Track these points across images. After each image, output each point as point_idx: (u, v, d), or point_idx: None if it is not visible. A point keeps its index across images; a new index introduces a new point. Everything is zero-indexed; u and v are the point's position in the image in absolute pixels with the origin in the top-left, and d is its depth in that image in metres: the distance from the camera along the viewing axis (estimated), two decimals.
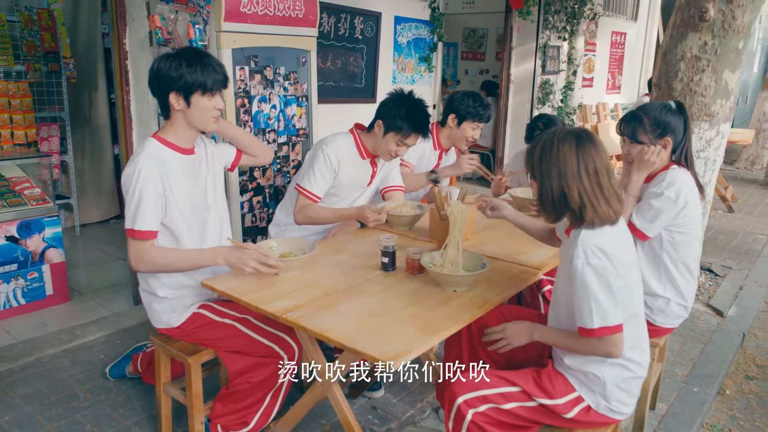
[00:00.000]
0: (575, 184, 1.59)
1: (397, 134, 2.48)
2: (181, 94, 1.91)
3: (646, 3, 8.53)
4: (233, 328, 2.05)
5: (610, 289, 1.55)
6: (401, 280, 2.01)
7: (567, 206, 1.61)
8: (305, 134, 3.26)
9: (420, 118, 2.48)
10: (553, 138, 1.63)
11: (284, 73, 3.08)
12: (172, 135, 1.99)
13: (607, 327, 1.55)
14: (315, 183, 2.51)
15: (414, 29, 4.83)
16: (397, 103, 2.49)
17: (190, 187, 2.02)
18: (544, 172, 1.62)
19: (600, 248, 1.56)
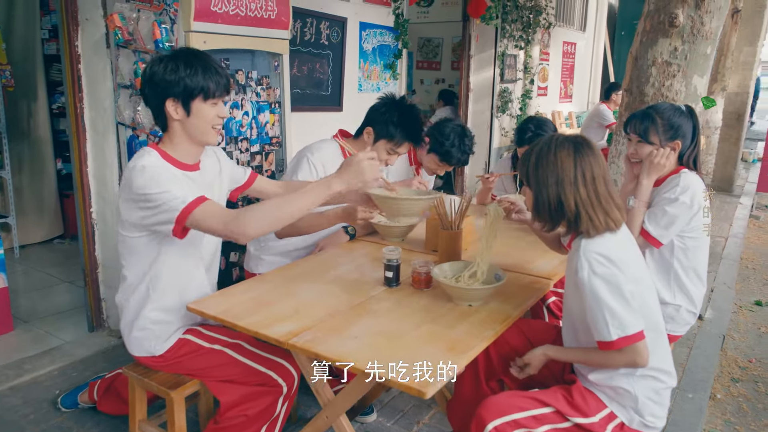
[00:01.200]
0: (572, 193, 1.52)
1: (389, 142, 2.33)
2: (180, 101, 1.68)
3: (593, 14, 8.76)
4: (224, 354, 1.83)
5: (623, 296, 1.46)
6: (408, 295, 1.85)
7: (563, 215, 1.54)
8: (278, 143, 3.07)
9: (413, 125, 2.34)
10: (550, 144, 1.55)
11: (256, 78, 2.89)
12: (172, 149, 1.76)
13: (626, 337, 1.47)
14: None
15: (379, 35, 4.71)
16: (389, 109, 2.34)
17: None
18: (541, 180, 1.55)
19: (603, 255, 1.48)
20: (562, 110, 7.88)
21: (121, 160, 2.90)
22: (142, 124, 2.71)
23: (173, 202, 1.60)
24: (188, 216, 1.59)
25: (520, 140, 2.82)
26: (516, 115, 6.82)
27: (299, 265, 2.14)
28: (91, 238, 3.11)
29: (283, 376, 1.83)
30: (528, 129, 2.79)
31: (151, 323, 1.80)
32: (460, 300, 1.77)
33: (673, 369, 1.61)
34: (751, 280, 4.62)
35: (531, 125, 2.80)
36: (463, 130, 2.83)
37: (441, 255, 2.07)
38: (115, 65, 2.77)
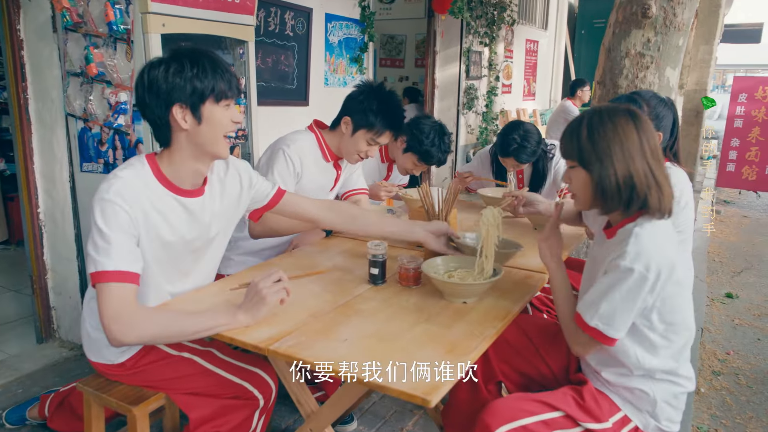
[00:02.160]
0: (641, 165, 1.35)
1: (369, 132, 2.18)
2: (188, 107, 1.46)
3: (554, 13, 8.82)
4: (193, 363, 1.65)
5: (633, 305, 1.34)
6: (396, 293, 1.70)
7: (633, 192, 1.35)
8: (245, 135, 2.88)
9: (394, 113, 2.20)
10: (601, 114, 1.38)
11: None
12: (170, 168, 1.54)
13: (602, 334, 1.37)
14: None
15: (345, 28, 4.56)
16: (367, 97, 2.18)
17: (172, 240, 1.57)
18: (602, 152, 1.35)
19: (657, 262, 1.32)
20: (526, 108, 7.88)
21: (72, 155, 2.66)
22: (94, 115, 2.48)
23: (100, 256, 1.40)
24: (96, 284, 1.40)
25: (504, 151, 2.69)
26: (482, 112, 6.76)
27: (273, 265, 1.96)
28: (39, 241, 2.85)
29: (260, 387, 1.66)
30: (513, 141, 2.65)
31: None
32: (454, 297, 1.63)
33: (692, 373, 1.50)
34: (720, 273, 4.66)
35: (515, 136, 2.65)
36: (442, 128, 2.71)
37: (427, 250, 1.92)
38: (64, 51, 2.53)
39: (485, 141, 6.73)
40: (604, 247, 1.46)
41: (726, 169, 6.86)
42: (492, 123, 6.82)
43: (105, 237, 1.40)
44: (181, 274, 1.65)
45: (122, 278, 1.39)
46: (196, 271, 1.70)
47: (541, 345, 1.67)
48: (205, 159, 1.55)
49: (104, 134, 2.50)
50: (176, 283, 1.65)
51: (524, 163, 2.69)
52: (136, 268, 1.44)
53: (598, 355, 1.50)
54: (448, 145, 2.72)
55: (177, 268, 1.63)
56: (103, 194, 1.43)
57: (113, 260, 1.39)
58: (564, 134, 1.46)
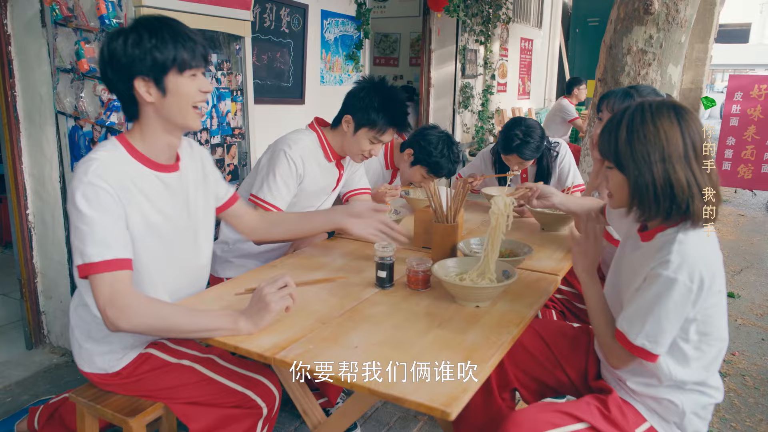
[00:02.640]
0: (683, 170, 1.24)
1: (371, 130, 2.10)
2: (151, 78, 1.40)
3: (549, 11, 8.78)
4: (193, 371, 1.57)
5: (679, 318, 1.27)
6: (406, 297, 1.63)
7: (673, 198, 1.26)
8: (241, 134, 2.80)
9: (397, 110, 2.12)
10: (644, 113, 1.27)
11: (216, 62, 2.61)
12: (143, 143, 1.47)
13: (647, 352, 1.29)
14: (277, 193, 2.06)
15: (341, 25, 4.48)
16: (368, 93, 2.10)
17: (159, 219, 1.50)
18: (640, 157, 1.25)
19: (700, 272, 1.24)
20: (521, 107, 7.84)
21: (62, 154, 2.56)
22: (86, 112, 2.39)
23: (86, 245, 1.33)
24: (88, 276, 1.33)
25: (506, 148, 2.62)
26: (477, 111, 6.71)
27: (275, 268, 1.89)
28: (28, 244, 2.75)
29: (263, 396, 1.58)
30: (515, 136, 2.58)
31: (105, 335, 1.52)
32: (466, 301, 1.56)
33: (721, 383, 1.44)
34: None
35: (518, 131, 2.58)
36: (449, 138, 2.64)
37: (436, 251, 1.85)
38: (53, 46, 2.44)
39: (481, 140, 6.68)
40: (640, 252, 1.37)
41: (722, 167, 6.85)
42: (488, 122, 6.77)
43: (89, 221, 1.33)
44: (172, 263, 1.56)
45: (113, 267, 1.33)
46: (187, 261, 1.61)
47: (558, 350, 1.61)
48: (176, 131, 1.50)
49: (96, 133, 2.40)
50: (168, 274, 1.55)
51: (528, 159, 2.63)
52: (126, 254, 1.37)
53: None
54: (458, 155, 2.64)
55: (167, 256, 1.54)
56: (82, 177, 1.35)
57: (100, 249, 1.33)
58: (603, 131, 1.36)
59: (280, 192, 2.06)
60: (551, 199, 1.95)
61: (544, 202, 1.95)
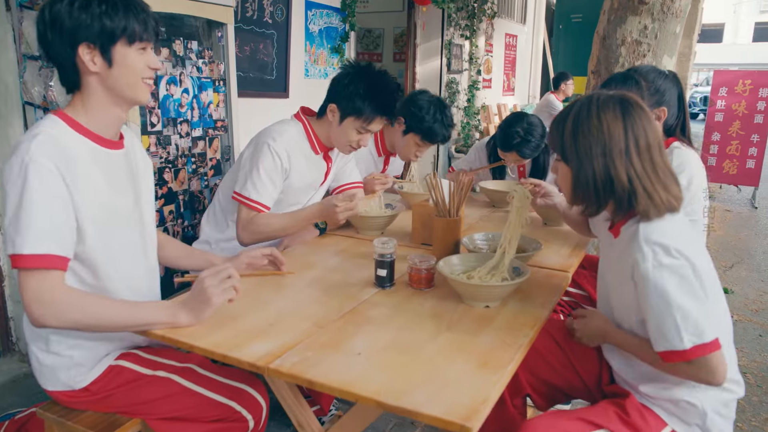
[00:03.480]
0: (623, 165, 1.22)
1: (358, 119, 1.96)
2: (97, 47, 1.26)
3: (532, 7, 8.73)
4: (172, 383, 1.42)
5: (696, 294, 1.16)
6: (408, 297, 1.50)
7: (612, 193, 1.24)
8: (224, 127, 2.64)
9: (385, 96, 1.98)
10: (590, 106, 1.25)
11: (197, 50, 2.45)
12: (88, 116, 1.32)
13: (702, 345, 1.15)
14: (262, 190, 1.92)
15: (326, 17, 4.34)
16: (353, 80, 1.96)
17: (113, 201, 1.36)
18: (583, 151, 1.24)
19: (670, 243, 1.18)
20: (506, 103, 7.76)
21: None
22: (55, 103, 2.22)
23: (19, 233, 1.18)
24: (19, 269, 1.20)
25: (506, 145, 2.51)
26: (463, 106, 6.61)
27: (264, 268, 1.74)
28: None
29: (249, 407, 1.44)
30: (515, 134, 2.46)
31: (68, 347, 1.36)
32: (475, 300, 1.44)
33: (739, 375, 1.34)
34: None
35: (519, 129, 2.46)
36: (440, 101, 2.49)
37: (437, 248, 1.73)
38: (19, 32, 2.26)
39: (467, 136, 6.58)
40: (614, 249, 1.33)
41: (707, 163, 6.85)
42: (474, 118, 6.67)
43: (26, 207, 1.18)
44: (126, 251, 1.41)
45: (45, 263, 1.19)
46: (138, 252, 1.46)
47: (572, 351, 1.50)
48: (124, 104, 1.36)
49: None
50: (120, 266, 1.40)
51: (527, 158, 2.52)
52: (64, 251, 1.22)
53: (631, 369, 1.34)
54: (451, 119, 2.51)
55: (122, 244, 1.39)
56: (23, 156, 1.20)
57: (33, 240, 1.18)
58: (553, 123, 1.35)
59: (265, 188, 1.92)
60: (554, 199, 1.85)
61: (546, 201, 1.85)
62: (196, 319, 1.29)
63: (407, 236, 2.00)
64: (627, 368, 1.35)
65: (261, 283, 1.59)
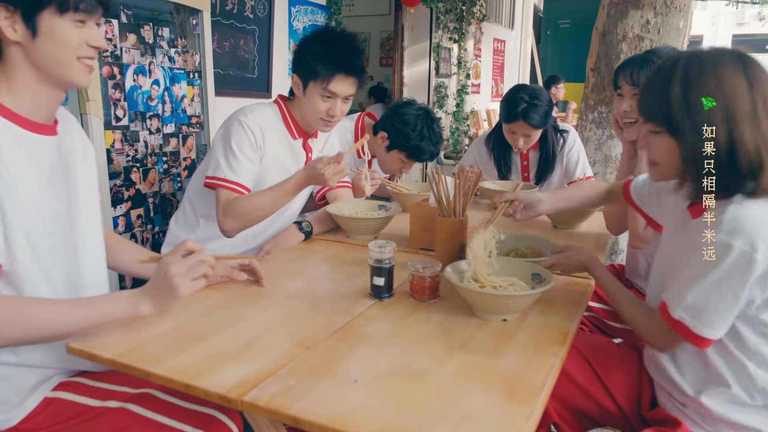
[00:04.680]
0: (750, 131, 0.99)
1: (317, 82, 1.75)
2: (18, 11, 1.04)
3: (520, 12, 8.62)
4: (126, 414, 1.17)
5: (734, 293, 1.00)
6: (411, 310, 1.28)
7: (735, 168, 1.00)
8: (200, 124, 2.41)
9: (340, 50, 1.76)
10: (702, 62, 1.02)
11: (169, 38, 2.23)
12: (11, 95, 1.09)
13: (686, 327, 1.04)
14: (238, 168, 1.71)
15: (310, 14, 4.13)
16: (308, 43, 1.78)
17: (46, 196, 1.13)
18: (699, 118, 1.00)
19: (766, 241, 0.97)
20: (495, 108, 7.61)
21: None
22: None
23: None
24: None
25: (510, 114, 2.30)
26: (452, 111, 6.44)
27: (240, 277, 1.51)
28: None
29: None
30: (520, 100, 2.26)
31: None
32: (491, 313, 1.22)
33: None
34: None
35: (523, 95, 2.26)
36: (428, 114, 2.28)
37: (441, 253, 1.51)
38: None
39: (456, 141, 6.40)
40: (688, 230, 1.11)
41: None
42: (463, 123, 6.50)
43: None
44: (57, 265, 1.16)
45: None
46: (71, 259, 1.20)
47: (604, 371, 1.28)
48: (55, 85, 1.12)
49: None
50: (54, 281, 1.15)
51: (536, 127, 2.28)
52: None
53: (687, 377, 1.13)
54: (440, 135, 2.31)
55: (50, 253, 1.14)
56: None
57: None
58: (647, 88, 1.10)
59: (241, 166, 1.71)
60: (538, 207, 1.60)
61: (530, 213, 1.60)
62: (160, 310, 1.09)
63: (404, 240, 1.78)
64: (680, 377, 1.13)
65: (235, 294, 1.35)
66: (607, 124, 3.36)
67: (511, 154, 2.50)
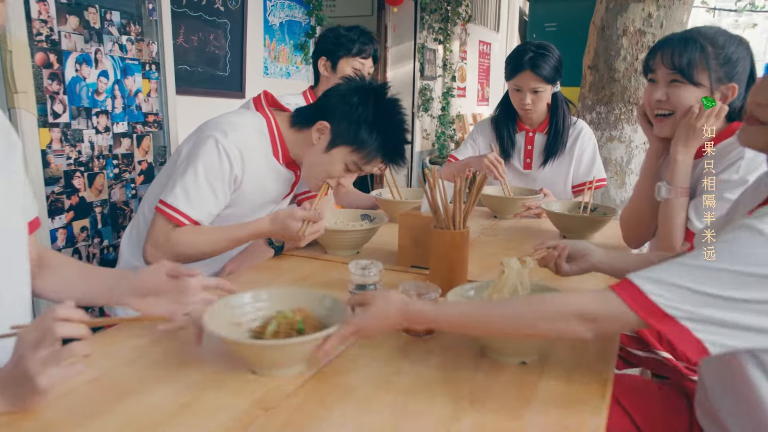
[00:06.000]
0: None
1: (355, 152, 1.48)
2: None
3: (506, 14, 8.44)
4: None
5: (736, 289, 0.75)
6: (403, 350, 1.01)
7: None
8: (158, 123, 2.13)
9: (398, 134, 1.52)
10: None
11: (119, 23, 1.94)
12: None
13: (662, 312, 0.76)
14: (197, 200, 1.40)
15: (288, 8, 3.86)
16: (364, 100, 1.46)
17: None
18: None
19: None
20: (482, 112, 7.40)
21: None
22: None
23: None
24: None
25: (517, 64, 2.05)
26: (438, 115, 6.20)
27: None
28: None
29: None
30: (527, 50, 2.03)
31: None
32: (506, 355, 0.95)
33: None
34: None
35: (530, 46, 2.05)
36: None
37: (437, 273, 1.24)
38: None
39: (442, 146, 6.17)
40: None
41: None
42: (449, 127, 6.27)
43: None
44: None
45: None
46: None
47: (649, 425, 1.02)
48: None
49: None
50: None
51: (545, 79, 2.03)
52: None
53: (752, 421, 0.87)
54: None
55: None
56: None
57: None
58: None
59: (202, 198, 1.40)
60: (589, 258, 1.21)
61: (579, 265, 1.26)
62: (14, 406, 0.77)
63: (391, 256, 1.51)
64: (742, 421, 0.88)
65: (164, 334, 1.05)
66: (606, 125, 3.13)
67: (515, 134, 2.23)
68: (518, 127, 2.22)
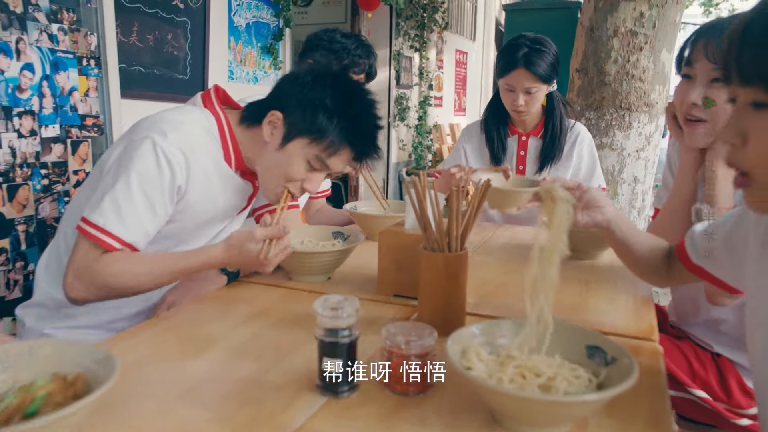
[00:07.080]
0: None
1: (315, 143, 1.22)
2: None
3: (482, 24, 8.32)
4: None
5: None
6: (388, 417, 0.75)
7: None
8: (98, 126, 1.84)
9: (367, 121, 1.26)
10: None
11: (48, 8, 1.66)
12: None
13: None
14: (130, 217, 1.12)
15: (254, 9, 3.61)
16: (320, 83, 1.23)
17: None
18: None
19: None
20: (459, 122, 7.22)
21: None
22: None
23: None
24: None
25: (510, 62, 1.84)
26: (415, 125, 5.99)
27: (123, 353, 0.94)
28: None
29: None
30: (521, 45, 1.83)
31: None
32: (531, 426, 0.70)
33: None
34: None
35: (524, 40, 1.84)
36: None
37: (428, 305, 0.99)
38: None
39: (419, 157, 5.95)
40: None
41: None
42: (426, 137, 6.06)
43: None
44: None
45: None
46: None
47: None
48: None
49: None
50: None
51: (541, 78, 1.82)
52: None
53: None
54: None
55: None
56: None
57: None
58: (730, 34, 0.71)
59: (137, 215, 1.12)
60: (605, 212, 1.03)
61: (592, 216, 1.05)
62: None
63: (370, 284, 1.25)
64: None
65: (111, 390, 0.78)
66: (596, 132, 2.94)
67: (506, 138, 2.01)
68: (510, 130, 2.00)
